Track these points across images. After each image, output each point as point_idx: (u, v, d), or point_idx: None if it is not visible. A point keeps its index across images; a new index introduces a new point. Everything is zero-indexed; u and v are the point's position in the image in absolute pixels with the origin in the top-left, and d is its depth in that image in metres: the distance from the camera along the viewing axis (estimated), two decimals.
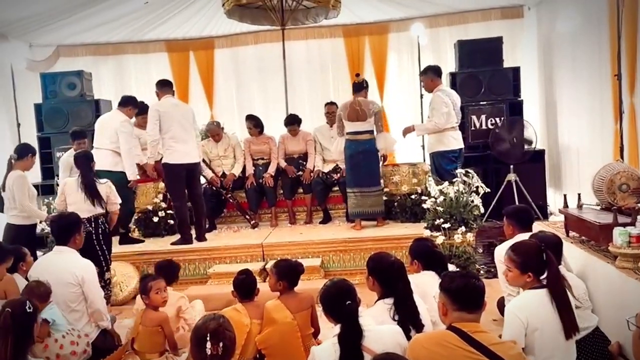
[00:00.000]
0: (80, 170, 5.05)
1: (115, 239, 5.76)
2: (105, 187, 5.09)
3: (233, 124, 8.96)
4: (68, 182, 5.14)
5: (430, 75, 6.44)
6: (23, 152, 5.52)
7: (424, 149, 8.00)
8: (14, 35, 8.01)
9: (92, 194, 4.94)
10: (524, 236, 3.65)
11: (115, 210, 5.20)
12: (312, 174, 6.82)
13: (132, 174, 6.16)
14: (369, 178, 6.21)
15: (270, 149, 7.06)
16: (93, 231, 4.89)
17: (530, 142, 7.35)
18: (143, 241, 6.48)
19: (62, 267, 3.76)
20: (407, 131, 6.55)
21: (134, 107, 6.39)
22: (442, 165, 6.24)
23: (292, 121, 7.12)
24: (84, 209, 4.84)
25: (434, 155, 6.38)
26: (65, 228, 3.93)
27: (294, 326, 3.52)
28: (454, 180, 5.69)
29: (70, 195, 4.99)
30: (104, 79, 9.57)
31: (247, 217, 6.93)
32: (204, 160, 6.90)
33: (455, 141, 6.32)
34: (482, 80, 7.76)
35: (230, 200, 6.96)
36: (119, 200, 5.23)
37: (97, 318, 3.85)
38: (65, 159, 6.83)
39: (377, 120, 6.17)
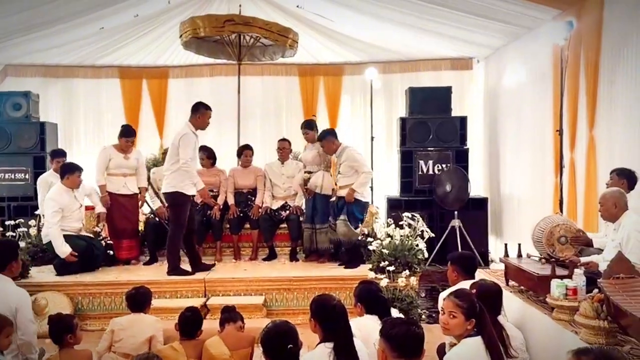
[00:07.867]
0: None
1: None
2: None
3: None
4: None
5: (331, 138, 6.25)
6: None
7: (372, 190, 8.06)
8: None
9: None
10: (467, 283, 3.71)
11: None
12: (260, 210, 6.76)
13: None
14: None
15: (220, 182, 6.97)
16: None
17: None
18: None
19: None
20: (351, 196, 6.10)
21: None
22: (357, 215, 6.15)
23: (246, 147, 7.12)
24: None
25: (353, 203, 6.11)
26: (1, 254, 3.74)
27: None
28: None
29: None
30: (52, 102, 9.38)
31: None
32: (153, 189, 6.76)
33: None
34: (431, 127, 7.98)
35: None
36: None
37: (26, 350, 3.64)
38: (45, 178, 6.67)
39: None
